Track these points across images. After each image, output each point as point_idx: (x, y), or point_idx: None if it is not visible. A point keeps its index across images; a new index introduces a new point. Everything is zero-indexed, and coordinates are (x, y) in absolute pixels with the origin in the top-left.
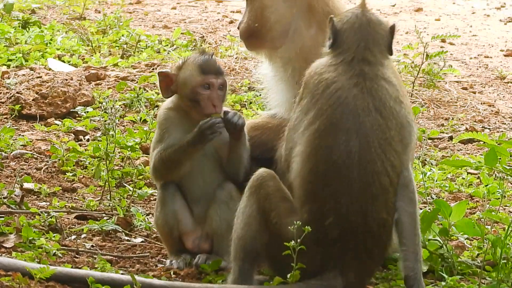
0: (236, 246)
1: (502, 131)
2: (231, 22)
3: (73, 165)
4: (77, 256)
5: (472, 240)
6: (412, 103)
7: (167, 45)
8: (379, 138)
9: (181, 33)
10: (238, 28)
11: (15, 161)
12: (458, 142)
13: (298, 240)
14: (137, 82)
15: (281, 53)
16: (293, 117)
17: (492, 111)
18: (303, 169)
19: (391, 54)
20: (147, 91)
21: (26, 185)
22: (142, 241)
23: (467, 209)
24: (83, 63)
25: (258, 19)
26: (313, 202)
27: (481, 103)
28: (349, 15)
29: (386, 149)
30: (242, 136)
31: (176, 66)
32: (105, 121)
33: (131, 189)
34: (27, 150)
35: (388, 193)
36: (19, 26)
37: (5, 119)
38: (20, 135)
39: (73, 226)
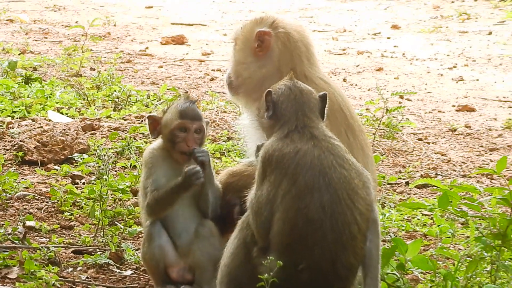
0: (222, 272)
1: (453, 178)
2: (212, 79)
3: (70, 206)
4: (73, 286)
5: (426, 274)
6: (374, 152)
7: (155, 99)
8: (347, 189)
9: (167, 89)
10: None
11: (18, 201)
12: (414, 187)
13: (271, 273)
14: (128, 132)
15: (256, 105)
16: (263, 193)
17: (444, 159)
18: (283, 229)
19: (323, 119)
20: (137, 140)
21: (28, 223)
22: (132, 273)
23: (422, 246)
24: (79, 115)
25: (234, 72)
26: (289, 252)
27: (435, 153)
28: (283, 87)
29: (354, 198)
30: (208, 174)
31: (162, 110)
32: (99, 166)
33: (122, 227)
34: (29, 192)
35: (356, 240)
36: (22, 82)
37: (9, 164)
38: (23, 178)
39: (70, 260)
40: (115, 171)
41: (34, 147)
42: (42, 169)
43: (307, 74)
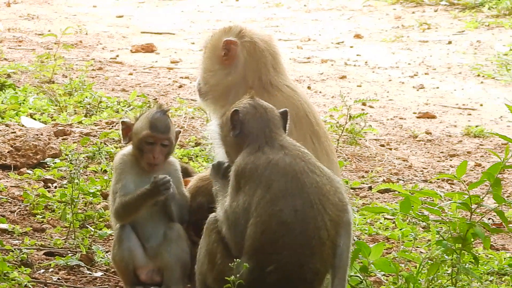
0: (198, 277)
1: (414, 183)
2: (180, 86)
3: (43, 209)
4: (45, 287)
5: (388, 277)
6: (337, 157)
7: (125, 105)
8: (318, 195)
9: (137, 96)
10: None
11: None
12: (377, 191)
13: (238, 275)
14: (98, 138)
15: (219, 124)
16: (238, 203)
17: (406, 165)
18: (256, 233)
19: (285, 132)
20: (108, 145)
21: (1, 226)
22: (102, 275)
23: (384, 249)
24: (51, 120)
25: (202, 79)
26: (259, 254)
27: (396, 158)
28: (248, 106)
29: (325, 204)
30: (175, 183)
31: (135, 117)
32: (71, 171)
33: (93, 230)
34: (2, 195)
35: (324, 246)
36: None
37: None
38: None
39: (42, 261)
40: (86, 175)
41: (8, 152)
42: (15, 173)
43: (273, 82)
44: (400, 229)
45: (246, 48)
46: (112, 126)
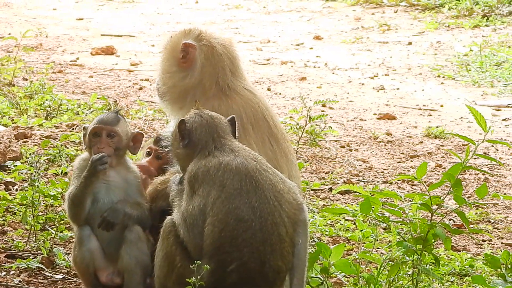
0: (156, 282)
1: (375, 184)
2: (140, 88)
3: (3, 211)
4: None
5: (349, 278)
6: (297, 159)
7: (85, 108)
8: (274, 192)
9: (97, 98)
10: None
11: None
12: (337, 193)
13: (198, 277)
14: (59, 140)
15: (182, 114)
16: (194, 206)
17: (366, 166)
18: (213, 231)
19: (235, 138)
20: (68, 148)
21: None
22: (63, 277)
23: (345, 250)
24: (12, 123)
25: (161, 80)
26: (220, 254)
27: (357, 160)
28: (193, 116)
29: (281, 201)
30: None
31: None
32: (31, 173)
33: (54, 232)
34: None
35: (284, 243)
36: None
37: None
38: None
39: (3, 264)
40: (47, 178)
41: None
42: None
43: (230, 85)
44: (361, 230)
45: (204, 52)
46: (73, 129)
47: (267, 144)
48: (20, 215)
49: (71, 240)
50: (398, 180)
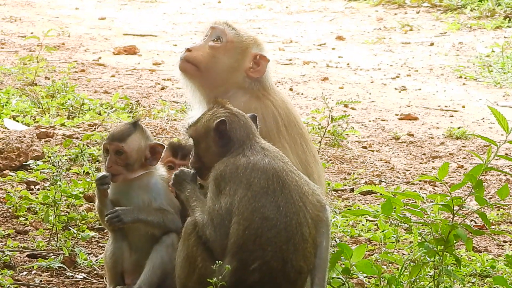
0: (177, 282)
1: (396, 184)
2: (162, 88)
3: (25, 211)
4: None
5: (370, 279)
6: (320, 159)
7: (107, 108)
8: (299, 193)
9: (119, 98)
10: (189, 50)
11: None
12: (359, 193)
13: (220, 277)
14: (81, 140)
15: (205, 106)
16: (221, 205)
17: (388, 167)
18: (239, 230)
19: None
20: (90, 147)
21: None
22: (84, 277)
23: (366, 251)
24: (34, 123)
25: (207, 59)
26: (243, 252)
27: (379, 160)
28: (229, 115)
29: (306, 202)
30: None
31: None
32: (53, 173)
33: (75, 232)
34: None
35: (307, 243)
36: None
37: None
38: None
39: (25, 264)
40: (69, 177)
41: None
42: None
43: (265, 87)
44: (382, 231)
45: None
46: (95, 128)
47: (298, 145)
48: (41, 215)
49: (92, 240)
50: (420, 181)
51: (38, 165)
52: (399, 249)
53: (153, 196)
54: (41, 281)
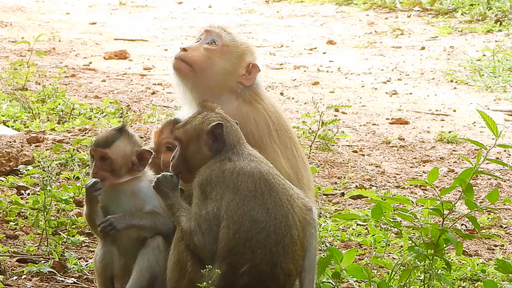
0: (168, 285)
1: (387, 189)
2: (153, 93)
3: (15, 216)
4: None
5: (361, 283)
6: (310, 164)
7: (98, 112)
8: (286, 195)
9: (110, 102)
10: (185, 49)
11: None
12: (349, 197)
13: (209, 282)
14: (71, 145)
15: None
16: (208, 210)
17: (378, 171)
18: (228, 233)
19: None
20: (80, 152)
21: None
22: (74, 282)
23: (356, 255)
24: (24, 127)
25: (202, 60)
26: (233, 256)
27: (369, 164)
28: (221, 119)
29: (293, 204)
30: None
31: None
32: (43, 178)
33: (65, 236)
34: None
35: (296, 246)
36: None
37: None
38: None
39: (15, 268)
40: (59, 182)
41: None
42: None
43: (256, 92)
44: (373, 235)
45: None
46: (85, 133)
47: (289, 150)
48: (32, 220)
49: (82, 245)
50: (410, 185)
51: (28, 170)
52: (389, 253)
53: (143, 200)
54: (31, 285)
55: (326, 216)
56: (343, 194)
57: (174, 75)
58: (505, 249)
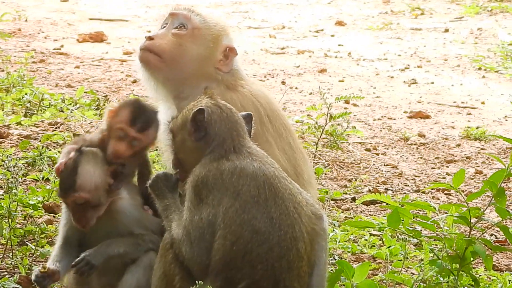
0: None
1: (405, 193)
2: (134, 81)
3: None
4: None
5: None
6: (315, 164)
7: (70, 104)
8: (293, 202)
9: (85, 92)
10: (151, 38)
11: None
12: (361, 203)
13: None
14: (40, 141)
15: (176, 104)
16: (202, 217)
17: (395, 172)
18: (225, 245)
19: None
20: (50, 149)
21: None
22: None
23: (370, 270)
24: None
25: (172, 48)
26: (229, 270)
27: (384, 165)
28: (211, 106)
29: (301, 213)
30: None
31: None
32: (8, 179)
33: (34, 247)
34: None
35: (302, 261)
36: None
37: None
38: None
39: None
40: (26, 184)
41: None
42: None
43: (242, 76)
44: (388, 247)
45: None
46: (56, 128)
47: (284, 139)
48: None
49: None
50: (432, 189)
51: None
52: (408, 267)
53: (121, 222)
54: None
55: (334, 225)
56: (354, 199)
57: (141, 69)
58: None
